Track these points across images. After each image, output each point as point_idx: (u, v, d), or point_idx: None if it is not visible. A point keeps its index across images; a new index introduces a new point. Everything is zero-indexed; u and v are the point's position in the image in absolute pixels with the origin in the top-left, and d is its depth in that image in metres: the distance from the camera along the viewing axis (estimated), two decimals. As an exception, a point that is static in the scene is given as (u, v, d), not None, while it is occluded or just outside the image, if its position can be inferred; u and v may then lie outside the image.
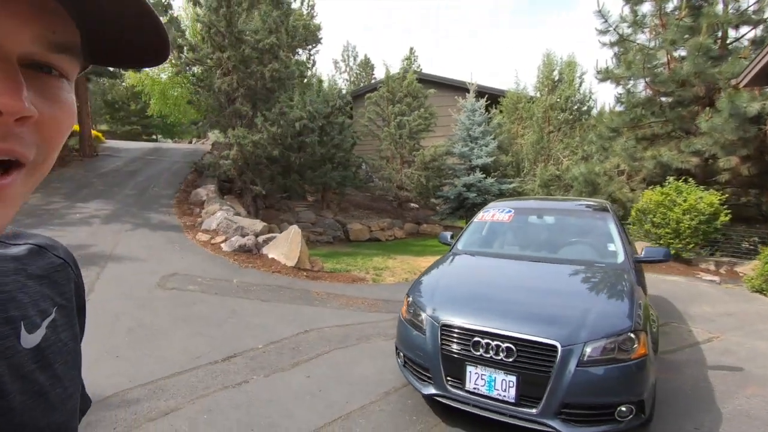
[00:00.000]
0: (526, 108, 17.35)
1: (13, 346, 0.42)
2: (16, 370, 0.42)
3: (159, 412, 2.82)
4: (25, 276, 0.46)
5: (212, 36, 8.29)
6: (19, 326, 0.43)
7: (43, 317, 0.46)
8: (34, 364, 0.44)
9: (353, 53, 41.57)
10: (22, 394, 0.41)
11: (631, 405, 2.34)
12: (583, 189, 12.46)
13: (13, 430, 0.40)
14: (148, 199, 9.33)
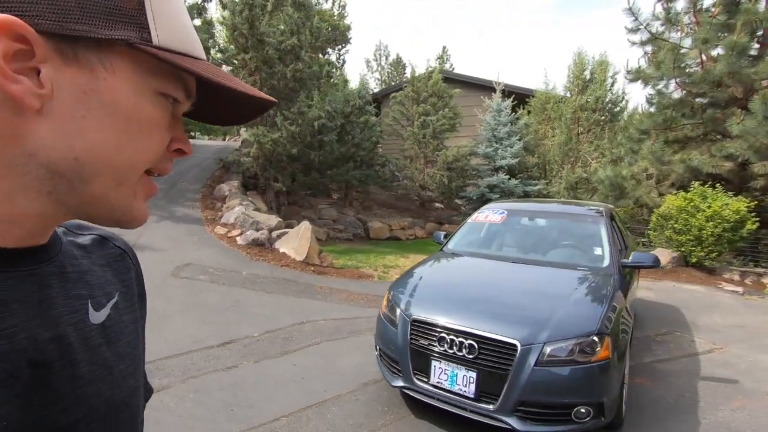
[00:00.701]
0: (555, 108, 16.95)
1: (83, 320, 0.45)
2: (86, 342, 0.45)
3: (154, 388, 3.06)
4: (90, 262, 0.50)
5: (236, 38, 8.66)
6: (87, 303, 0.47)
7: (108, 299, 0.50)
8: (101, 339, 0.47)
9: (385, 52, 41.77)
10: (89, 364, 0.44)
11: (589, 407, 2.36)
12: (608, 193, 12.11)
13: (79, 397, 0.42)
14: (176, 193, 9.85)
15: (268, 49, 8.85)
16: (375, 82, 39.74)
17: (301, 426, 2.74)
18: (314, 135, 9.48)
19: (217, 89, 0.41)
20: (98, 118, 0.38)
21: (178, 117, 0.46)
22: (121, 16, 0.37)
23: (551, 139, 16.82)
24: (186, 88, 0.44)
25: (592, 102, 15.49)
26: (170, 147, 0.45)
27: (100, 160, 0.39)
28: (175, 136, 0.45)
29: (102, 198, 0.41)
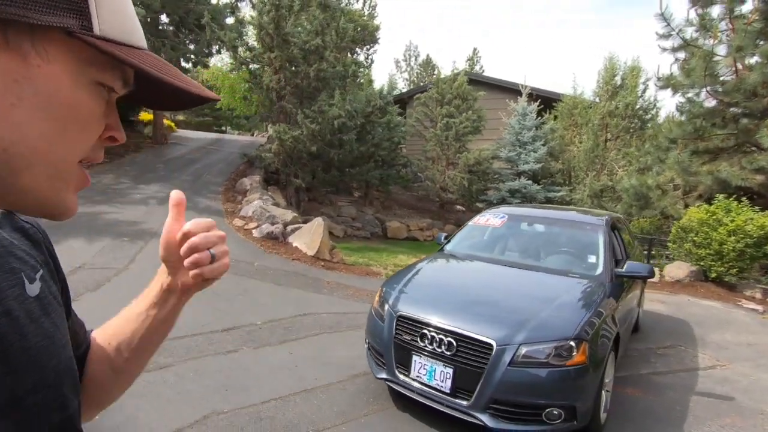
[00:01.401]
0: (583, 114, 16.59)
1: (22, 294, 0.45)
2: (29, 315, 0.45)
3: (155, 366, 3.29)
4: (8, 235, 0.49)
5: (263, 37, 8.96)
6: (22, 277, 0.46)
7: (35, 272, 0.49)
8: (39, 311, 0.47)
9: (415, 53, 41.84)
10: (35, 336, 0.45)
11: (561, 409, 2.40)
12: (633, 202, 11.83)
13: (32, 366, 0.44)
14: (201, 185, 10.26)
15: (293, 49, 9.12)
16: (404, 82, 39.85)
17: (287, 409, 2.89)
18: (334, 133, 9.69)
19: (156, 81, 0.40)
20: (30, 109, 0.36)
21: (113, 104, 0.44)
22: (60, 1, 0.35)
23: (577, 145, 16.49)
24: (124, 78, 0.42)
25: (621, 108, 15.09)
26: (103, 135, 0.44)
27: (31, 152, 0.38)
28: (108, 124, 0.44)
29: (32, 190, 0.39)
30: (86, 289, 4.55)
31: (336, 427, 2.75)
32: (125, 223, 6.94)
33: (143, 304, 0.67)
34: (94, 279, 4.83)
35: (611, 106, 15.45)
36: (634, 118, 15.25)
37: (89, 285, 4.66)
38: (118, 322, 0.68)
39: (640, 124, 15.34)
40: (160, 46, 12.09)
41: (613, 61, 16.37)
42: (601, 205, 13.75)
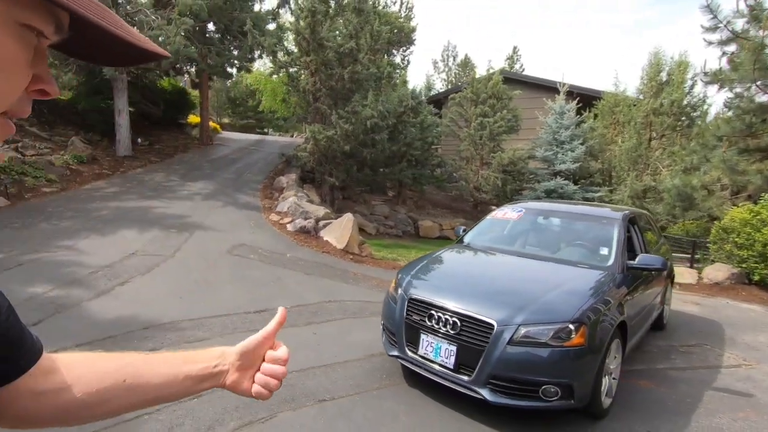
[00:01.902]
0: (625, 111, 16.00)
1: None
2: None
3: (195, 339, 3.69)
4: None
5: (299, 42, 9.42)
6: None
7: None
8: None
9: (453, 53, 41.63)
10: None
11: (557, 387, 2.53)
12: (675, 203, 11.39)
13: None
14: (242, 182, 10.90)
15: (328, 52, 9.52)
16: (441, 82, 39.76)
17: (308, 379, 3.18)
18: (366, 133, 10.00)
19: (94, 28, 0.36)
20: None
21: (42, 52, 0.40)
22: None
23: (619, 145, 15.93)
24: (57, 21, 0.38)
25: (667, 106, 14.47)
26: (30, 87, 0.40)
27: None
28: (37, 74, 0.40)
29: None
30: (138, 273, 5.08)
31: (350, 396, 3.00)
32: (173, 217, 7.56)
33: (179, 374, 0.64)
34: (144, 264, 5.37)
35: (656, 103, 14.84)
36: (681, 115, 14.57)
37: (140, 269, 5.20)
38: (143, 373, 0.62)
39: (688, 121, 14.64)
40: (207, 52, 12.90)
41: (658, 56, 15.70)
42: (643, 206, 13.27)
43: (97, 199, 8.26)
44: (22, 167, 8.79)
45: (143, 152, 12.74)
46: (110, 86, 11.94)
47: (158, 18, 10.51)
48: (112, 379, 0.60)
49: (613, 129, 16.61)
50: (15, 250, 5.45)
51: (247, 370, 0.68)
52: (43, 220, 6.86)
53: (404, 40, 21.46)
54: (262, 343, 0.69)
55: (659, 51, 15.79)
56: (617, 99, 16.58)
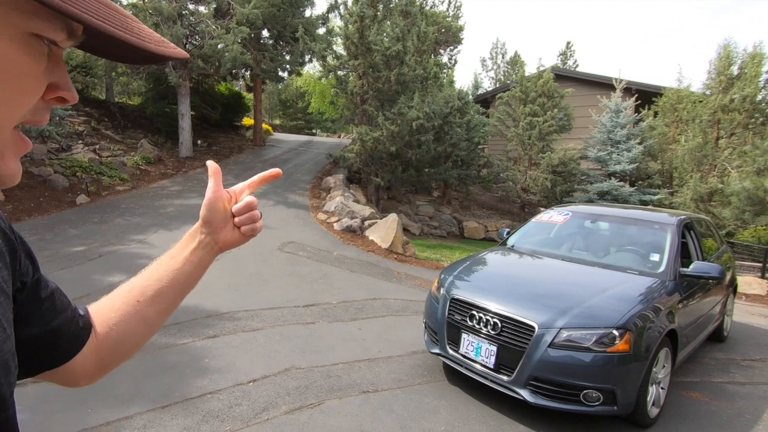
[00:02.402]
0: (690, 108, 14.97)
1: None
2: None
3: (250, 329, 3.99)
4: None
5: (348, 46, 9.71)
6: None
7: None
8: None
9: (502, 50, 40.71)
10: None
11: (599, 392, 2.53)
12: (745, 207, 10.62)
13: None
14: (291, 182, 11.38)
15: (375, 55, 9.73)
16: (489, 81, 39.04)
17: (353, 371, 3.36)
18: (412, 134, 10.11)
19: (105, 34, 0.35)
20: None
21: (57, 59, 0.39)
22: None
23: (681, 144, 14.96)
24: (68, 28, 0.37)
25: (738, 102, 13.41)
26: (47, 95, 0.39)
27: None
28: (54, 82, 0.39)
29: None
30: (199, 265, 5.52)
31: (392, 390, 3.14)
32: (229, 214, 8.06)
33: (176, 261, 0.70)
34: (205, 258, 5.81)
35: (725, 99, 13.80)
36: (755, 112, 13.46)
37: (201, 262, 5.63)
38: (145, 282, 0.69)
39: (762, 119, 13.50)
40: (261, 58, 13.56)
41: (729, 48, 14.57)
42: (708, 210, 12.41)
43: (163, 197, 8.98)
44: (99, 167, 9.73)
45: (202, 153, 13.62)
46: (174, 92, 12.87)
47: (218, 27, 11.21)
48: (129, 307, 0.66)
49: (675, 127, 15.61)
50: (96, 243, 6.10)
51: (225, 227, 0.70)
52: (117, 215, 7.58)
53: (451, 40, 21.33)
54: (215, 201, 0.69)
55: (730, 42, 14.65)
56: (680, 95, 15.55)
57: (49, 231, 6.56)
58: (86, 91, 13.64)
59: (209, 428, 2.52)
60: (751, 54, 14.23)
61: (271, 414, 2.71)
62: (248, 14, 11.00)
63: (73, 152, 10.37)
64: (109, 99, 15.06)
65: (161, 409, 2.66)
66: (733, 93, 13.74)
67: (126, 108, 15.29)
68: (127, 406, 2.66)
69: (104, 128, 12.63)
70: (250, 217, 0.71)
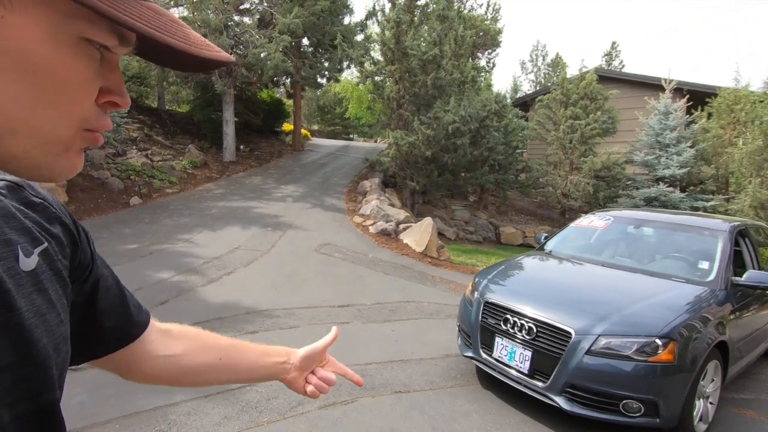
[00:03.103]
0: (748, 109, 14.02)
1: (13, 267, 0.43)
2: (20, 290, 0.43)
3: (287, 326, 4.12)
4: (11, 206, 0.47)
5: (385, 52, 9.83)
6: (17, 249, 0.44)
7: (35, 245, 0.47)
8: (31, 287, 0.45)
9: (542, 52, 39.74)
10: (27, 311, 0.43)
11: (640, 403, 2.43)
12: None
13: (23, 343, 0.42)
14: (328, 186, 11.62)
15: (412, 60, 9.80)
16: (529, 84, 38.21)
17: (385, 371, 3.40)
18: (448, 138, 10.08)
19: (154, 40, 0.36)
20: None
21: (112, 64, 0.40)
22: None
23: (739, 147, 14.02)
24: (119, 33, 0.38)
25: (804, 101, 12.44)
26: (99, 99, 0.40)
27: (9, 118, 0.35)
28: (105, 87, 0.40)
29: (22, 156, 0.37)
30: (241, 265, 5.76)
31: (424, 391, 3.16)
32: (269, 216, 8.36)
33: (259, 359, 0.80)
34: (246, 257, 6.05)
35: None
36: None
37: (243, 261, 5.88)
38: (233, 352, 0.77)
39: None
40: (301, 65, 13.98)
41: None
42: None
43: (207, 199, 9.42)
44: (151, 171, 10.35)
45: (244, 158, 14.16)
46: (220, 99, 13.49)
47: (261, 37, 11.67)
48: (212, 356, 0.74)
49: (732, 129, 14.65)
50: (147, 241, 6.49)
51: (303, 371, 0.82)
52: (166, 216, 8.03)
53: (489, 43, 21.09)
54: (320, 352, 0.84)
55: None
56: (738, 95, 14.59)
57: (106, 230, 7.05)
58: (140, 100, 14.54)
59: (248, 418, 2.64)
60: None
61: (306, 408, 2.79)
62: (289, 24, 11.39)
63: (128, 157, 11.09)
64: (160, 107, 15.99)
65: (204, 398, 2.81)
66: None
67: (175, 115, 16.17)
68: (173, 394, 2.83)
69: (156, 134, 13.42)
70: (322, 386, 0.83)
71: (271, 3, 13.10)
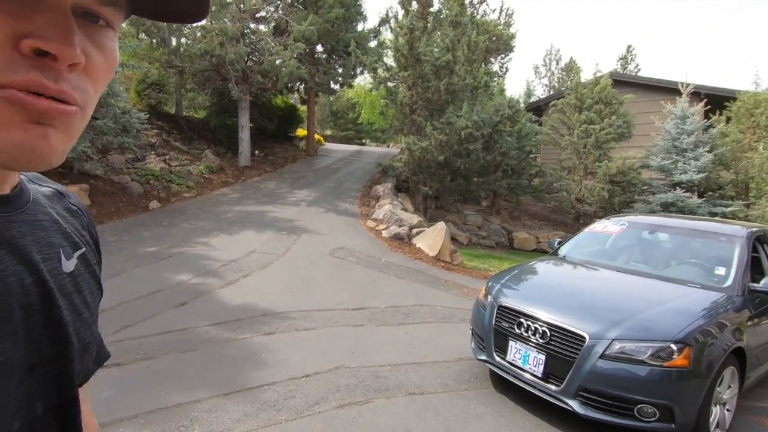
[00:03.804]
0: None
1: (56, 268, 0.46)
2: (61, 289, 0.46)
3: (303, 327, 4.20)
4: (55, 212, 0.50)
5: (398, 58, 9.94)
6: (59, 252, 0.47)
7: (75, 249, 0.50)
8: (71, 287, 0.48)
9: (556, 56, 39.51)
10: (66, 309, 0.46)
11: (655, 408, 2.44)
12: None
13: (63, 338, 0.45)
14: (341, 190, 11.74)
15: (425, 66, 9.88)
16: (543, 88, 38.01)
17: (399, 373, 3.45)
18: (461, 143, 10.12)
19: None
20: None
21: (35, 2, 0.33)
22: None
23: (759, 152, 13.75)
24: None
25: (827, 104, 12.17)
26: (22, 46, 0.33)
27: None
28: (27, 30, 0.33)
29: None
30: (257, 268, 5.87)
31: (438, 394, 3.19)
32: (283, 220, 8.48)
33: None
34: (262, 261, 6.17)
35: (811, 101, 12.60)
36: None
37: (259, 264, 5.99)
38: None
39: None
40: (315, 71, 14.17)
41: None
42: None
43: (224, 204, 9.61)
44: (169, 176, 10.59)
45: (259, 162, 14.39)
46: (235, 105, 13.75)
47: (277, 44, 11.89)
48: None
49: (752, 134, 14.37)
50: (166, 244, 6.66)
51: None
52: (184, 220, 8.22)
53: (502, 48, 21.07)
54: None
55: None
56: (757, 99, 14.32)
57: (127, 233, 7.25)
58: (159, 107, 14.91)
59: (267, 416, 2.71)
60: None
61: (322, 408, 2.86)
62: (304, 31, 11.59)
63: (147, 162, 11.38)
64: (178, 113, 16.35)
65: (224, 396, 2.89)
66: (822, 95, 12.48)
67: (192, 121, 16.51)
68: (195, 391, 2.92)
69: (173, 140, 13.73)
70: None
71: (286, 11, 13.35)
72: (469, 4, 20.03)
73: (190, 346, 3.60)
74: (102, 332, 0.61)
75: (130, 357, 3.32)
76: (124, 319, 3.98)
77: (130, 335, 3.68)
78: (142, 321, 4.00)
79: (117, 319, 3.95)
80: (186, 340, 3.70)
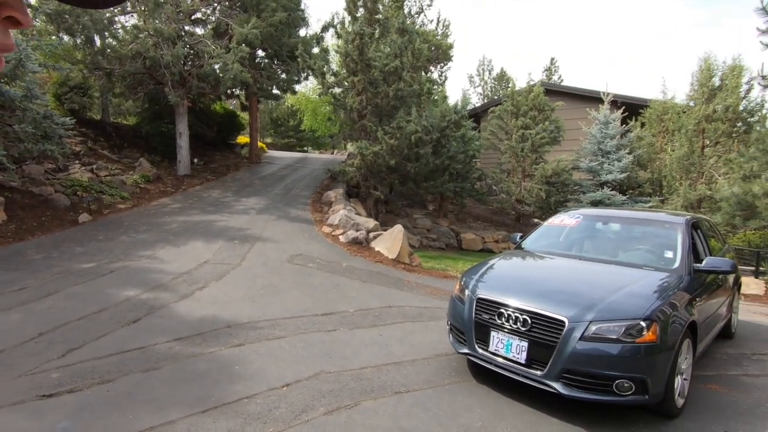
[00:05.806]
0: (675, 119, 15.53)
1: None
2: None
3: (273, 336, 4.01)
4: None
5: (347, 63, 9.94)
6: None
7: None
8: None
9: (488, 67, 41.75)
10: None
11: (631, 382, 2.62)
12: (734, 212, 10.95)
13: None
14: (291, 197, 11.44)
15: (374, 72, 9.97)
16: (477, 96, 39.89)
17: (382, 374, 3.40)
18: (411, 148, 10.30)
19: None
20: None
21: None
22: None
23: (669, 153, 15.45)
24: None
25: (721, 112, 13.97)
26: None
27: None
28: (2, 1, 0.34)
29: None
30: (213, 279, 5.53)
31: (423, 390, 3.19)
32: (234, 229, 8.09)
33: None
34: (217, 271, 5.82)
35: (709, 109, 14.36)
36: (737, 121, 14.03)
37: (214, 275, 5.64)
38: None
39: (745, 127, 14.06)
40: (258, 76, 13.75)
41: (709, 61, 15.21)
42: (698, 216, 12.72)
43: (165, 214, 8.96)
44: (100, 186, 9.69)
45: (200, 171, 13.63)
46: (170, 111, 12.94)
47: (217, 47, 11.39)
48: None
49: (662, 137, 16.14)
50: (104, 259, 6.06)
51: None
52: (122, 233, 7.54)
53: (442, 57, 21.87)
54: None
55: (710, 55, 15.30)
56: (666, 106, 16.13)
57: (55, 249, 6.51)
58: (82, 112, 13.62)
59: (253, 430, 2.54)
60: (731, 66, 14.88)
61: (310, 415, 2.73)
62: (247, 34, 11.21)
63: (71, 172, 10.33)
64: (104, 119, 15.06)
65: (201, 414, 2.67)
66: (716, 103, 14.29)
67: (121, 128, 15.28)
68: (167, 411, 2.67)
69: (100, 148, 12.61)
70: None
71: (225, 13, 12.85)
72: (408, 14, 20.61)
73: (152, 365, 3.29)
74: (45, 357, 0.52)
75: (85, 382, 2.96)
76: (68, 342, 3.55)
77: (80, 358, 3.28)
78: (90, 342, 3.59)
79: (60, 342, 3.52)
80: (146, 359, 3.38)
